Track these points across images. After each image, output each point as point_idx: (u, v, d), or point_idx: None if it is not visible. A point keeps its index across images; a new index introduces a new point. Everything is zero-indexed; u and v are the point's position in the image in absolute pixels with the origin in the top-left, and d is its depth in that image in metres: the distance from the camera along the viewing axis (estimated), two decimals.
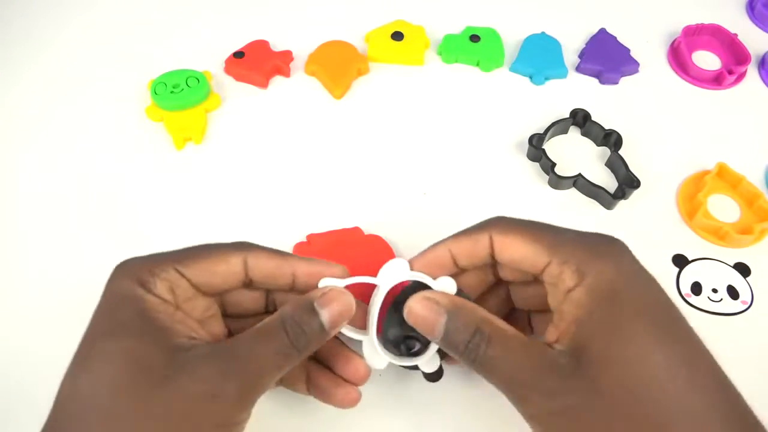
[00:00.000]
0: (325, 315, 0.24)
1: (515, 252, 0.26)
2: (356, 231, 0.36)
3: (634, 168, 0.39)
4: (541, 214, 0.38)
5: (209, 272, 0.25)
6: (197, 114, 0.42)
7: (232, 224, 0.38)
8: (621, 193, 0.38)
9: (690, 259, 0.37)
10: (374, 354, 0.27)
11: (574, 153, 0.41)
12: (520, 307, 0.30)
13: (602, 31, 0.48)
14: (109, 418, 0.21)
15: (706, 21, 0.48)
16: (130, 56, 0.46)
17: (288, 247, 0.36)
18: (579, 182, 0.39)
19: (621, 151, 0.40)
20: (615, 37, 0.47)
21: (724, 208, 0.39)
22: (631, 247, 0.25)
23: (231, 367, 0.22)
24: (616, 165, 0.40)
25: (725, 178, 0.40)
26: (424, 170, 0.40)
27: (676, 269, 0.36)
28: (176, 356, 0.22)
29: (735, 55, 0.47)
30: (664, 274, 0.36)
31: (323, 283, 0.26)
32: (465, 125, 0.43)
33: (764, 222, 0.37)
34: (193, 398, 0.21)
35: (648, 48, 0.48)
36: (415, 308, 0.25)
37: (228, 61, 0.45)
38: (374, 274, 0.27)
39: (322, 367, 0.28)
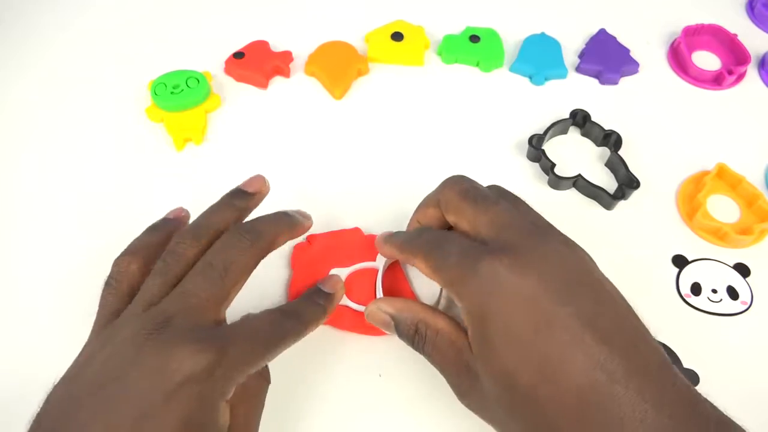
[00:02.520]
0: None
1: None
2: (356, 231, 0.36)
3: (633, 168, 0.39)
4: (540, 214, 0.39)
5: None
6: (197, 114, 0.42)
7: None
8: (621, 194, 0.38)
9: (690, 259, 0.37)
10: None
11: (574, 153, 0.41)
12: None
13: (602, 32, 0.48)
14: None
15: (706, 21, 0.48)
16: (130, 56, 0.46)
17: (288, 249, 0.36)
18: (579, 183, 0.39)
19: (621, 152, 0.40)
20: (615, 38, 0.47)
21: (723, 208, 0.39)
22: (630, 248, 0.25)
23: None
24: (616, 165, 0.40)
25: (725, 179, 0.40)
26: (424, 170, 0.40)
27: (676, 269, 0.36)
28: None
29: (735, 55, 0.47)
30: (663, 274, 0.36)
31: (333, 271, 0.33)
32: (465, 125, 0.43)
33: (764, 222, 0.37)
34: None
35: (648, 48, 0.48)
36: (370, 314, 0.29)
37: (228, 62, 0.45)
38: (375, 273, 0.33)
39: None
